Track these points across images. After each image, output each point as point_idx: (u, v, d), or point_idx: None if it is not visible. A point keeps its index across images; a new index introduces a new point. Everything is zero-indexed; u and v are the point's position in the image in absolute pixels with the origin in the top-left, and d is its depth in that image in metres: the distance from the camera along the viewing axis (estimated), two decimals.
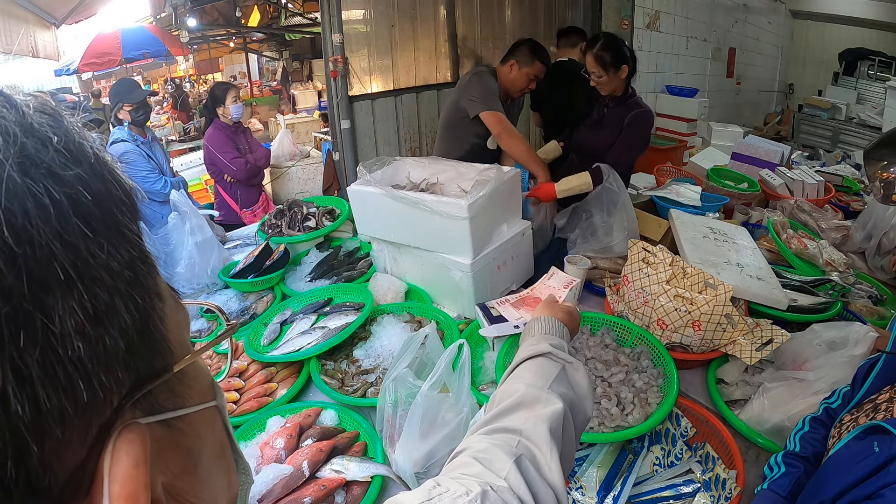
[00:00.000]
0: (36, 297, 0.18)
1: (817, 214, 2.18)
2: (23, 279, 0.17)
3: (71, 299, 0.19)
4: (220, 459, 0.29)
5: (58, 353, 0.18)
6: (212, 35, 8.03)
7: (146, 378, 0.23)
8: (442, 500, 0.40)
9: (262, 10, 7.83)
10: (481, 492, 0.42)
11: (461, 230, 1.52)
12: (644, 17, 5.10)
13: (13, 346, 0.17)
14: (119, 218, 0.22)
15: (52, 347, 0.18)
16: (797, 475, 0.90)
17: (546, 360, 0.61)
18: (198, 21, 6.65)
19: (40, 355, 0.18)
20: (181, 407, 0.25)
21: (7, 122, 0.19)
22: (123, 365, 0.21)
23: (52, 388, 0.18)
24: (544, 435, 0.49)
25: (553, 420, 0.50)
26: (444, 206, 1.51)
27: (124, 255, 0.22)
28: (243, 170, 3.14)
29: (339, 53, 3.46)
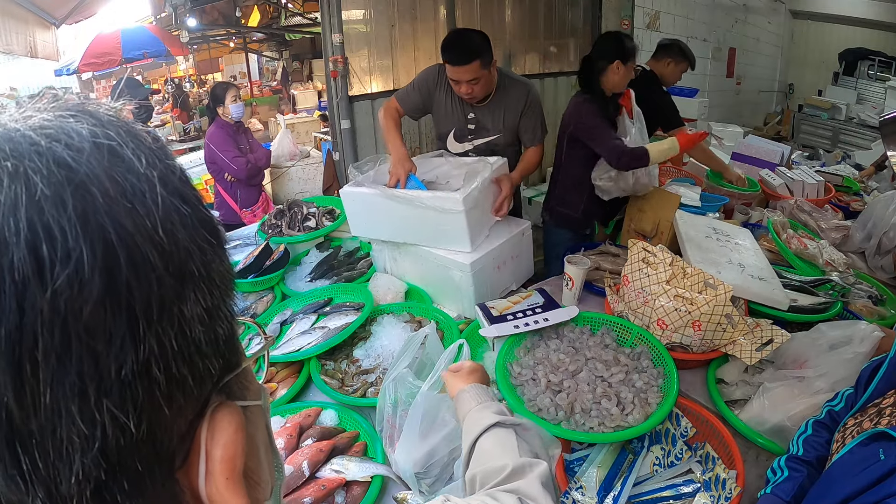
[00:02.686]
0: (177, 288, 0.22)
1: (817, 214, 2.18)
2: (170, 272, 0.22)
3: (198, 293, 0.23)
4: (266, 452, 0.32)
5: (186, 335, 0.22)
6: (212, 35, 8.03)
7: (229, 369, 0.27)
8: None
9: (262, 10, 7.83)
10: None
11: (457, 223, 1.54)
12: (644, 17, 5.10)
13: (159, 324, 0.21)
14: (221, 234, 0.26)
15: (182, 329, 0.22)
16: (800, 480, 0.89)
17: (499, 429, 0.65)
18: (198, 21, 6.65)
19: (176, 334, 0.22)
20: (246, 399, 0.29)
21: (144, 147, 0.23)
22: (220, 353, 0.25)
23: (181, 361, 0.22)
24: (538, 490, 0.54)
25: (542, 477, 0.56)
26: (439, 202, 1.52)
27: (226, 264, 0.26)
28: (244, 169, 3.14)
29: (339, 53, 3.46)
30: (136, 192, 0.21)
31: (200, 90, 8.60)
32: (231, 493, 0.25)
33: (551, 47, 4.99)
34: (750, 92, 7.62)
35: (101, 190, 0.20)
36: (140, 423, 0.21)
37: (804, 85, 8.25)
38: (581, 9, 5.07)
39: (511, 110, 2.05)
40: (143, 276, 0.20)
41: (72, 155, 0.20)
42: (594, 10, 5.10)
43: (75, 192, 0.19)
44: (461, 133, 2.12)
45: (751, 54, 7.41)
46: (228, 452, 0.25)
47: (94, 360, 0.19)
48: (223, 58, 10.92)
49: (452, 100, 2.07)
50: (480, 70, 1.87)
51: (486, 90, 1.99)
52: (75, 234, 0.19)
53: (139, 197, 0.21)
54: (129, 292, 0.20)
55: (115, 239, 0.20)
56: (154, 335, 0.21)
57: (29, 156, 0.19)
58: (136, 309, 0.20)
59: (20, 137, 0.20)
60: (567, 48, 5.14)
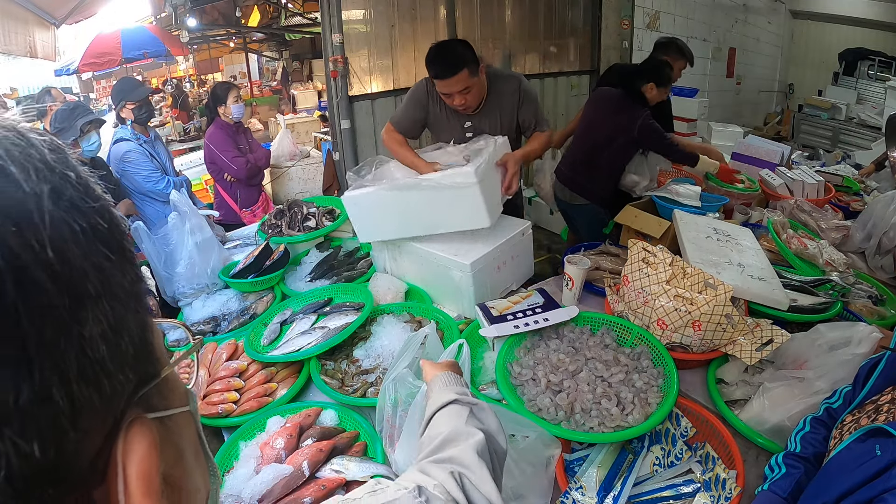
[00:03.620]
0: (73, 309, 0.21)
1: (817, 214, 2.18)
2: (64, 294, 0.21)
3: (98, 311, 0.22)
4: (196, 458, 0.32)
5: (87, 356, 0.22)
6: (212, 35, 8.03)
7: (144, 381, 0.26)
8: (385, 492, 0.46)
9: (262, 10, 7.83)
10: (416, 486, 0.47)
11: (472, 198, 1.53)
12: (644, 17, 5.10)
13: (55, 349, 0.20)
14: (124, 243, 0.26)
15: (83, 350, 0.21)
16: (798, 476, 0.90)
17: (455, 405, 0.68)
18: (198, 21, 6.64)
19: (76, 357, 0.21)
20: (168, 408, 0.29)
21: (33, 160, 0.22)
22: (130, 367, 0.25)
23: (84, 383, 0.21)
24: (473, 458, 0.55)
25: (478, 446, 0.57)
26: (451, 178, 1.52)
27: (130, 275, 0.26)
28: (244, 169, 3.14)
29: (339, 53, 3.46)
30: (22, 210, 0.20)
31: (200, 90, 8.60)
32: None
33: (551, 47, 4.99)
34: (750, 92, 7.62)
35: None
36: (45, 448, 0.20)
37: (804, 85, 8.25)
38: (581, 9, 5.07)
39: (506, 109, 2.04)
40: (33, 300, 0.19)
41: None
42: (594, 10, 5.10)
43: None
44: (460, 141, 2.08)
45: (751, 54, 7.42)
46: (143, 469, 0.24)
47: None
48: (223, 58, 10.91)
49: (446, 111, 2.05)
50: (470, 79, 1.85)
51: (478, 97, 1.96)
52: None
53: (25, 216, 0.20)
54: (16, 318, 0.19)
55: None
56: (50, 360, 0.20)
57: None
58: (27, 335, 0.19)
59: None
60: (567, 48, 5.13)
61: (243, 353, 1.49)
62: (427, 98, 2.05)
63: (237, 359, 1.48)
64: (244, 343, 1.50)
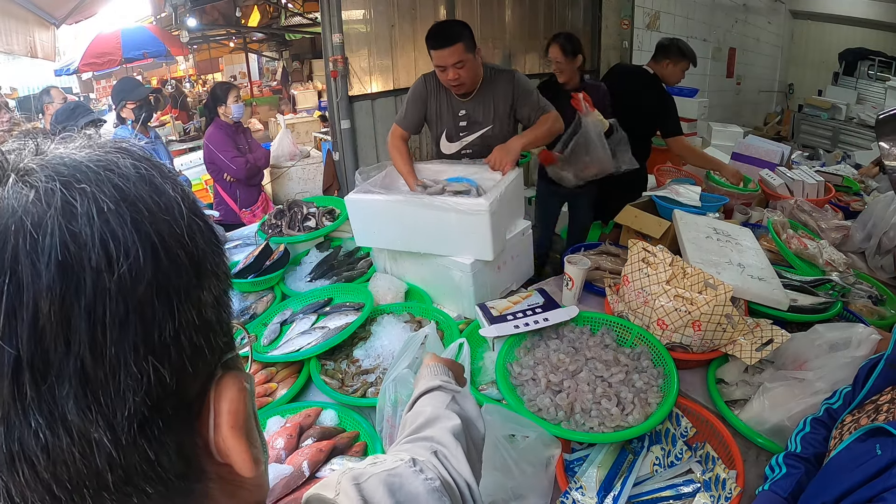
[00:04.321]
0: (197, 279, 0.29)
1: (817, 214, 2.18)
2: (193, 267, 0.29)
3: (210, 284, 0.31)
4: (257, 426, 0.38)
5: (202, 315, 0.30)
6: (212, 35, 8.02)
7: (229, 347, 0.34)
8: (385, 462, 0.51)
9: (262, 10, 7.82)
10: (410, 458, 0.52)
11: (480, 228, 1.52)
12: (644, 17, 5.11)
13: (187, 304, 0.28)
14: (223, 238, 0.33)
15: (200, 310, 0.29)
16: (798, 476, 0.90)
17: (439, 391, 0.73)
18: (198, 21, 6.64)
19: (197, 313, 0.29)
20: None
21: (167, 179, 0.31)
22: (224, 333, 0.33)
23: (200, 334, 0.29)
24: (450, 439, 0.60)
25: (454, 430, 0.62)
26: (463, 204, 1.52)
27: (227, 264, 0.34)
28: (243, 169, 3.14)
29: (339, 53, 3.46)
30: (169, 209, 0.29)
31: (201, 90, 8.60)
32: (234, 440, 0.31)
33: None
34: (750, 92, 7.63)
35: (147, 207, 0.28)
36: (172, 376, 0.27)
37: (804, 85, 8.25)
38: (581, 9, 5.07)
39: (501, 97, 2.03)
40: (176, 269, 0.28)
41: (122, 182, 0.28)
42: (594, 10, 5.10)
43: (129, 208, 0.27)
44: (452, 132, 2.12)
45: (751, 54, 7.42)
46: (232, 407, 0.31)
47: (143, 327, 0.26)
48: (223, 58, 10.91)
49: (442, 101, 2.09)
50: (465, 53, 1.89)
51: (472, 77, 1.98)
52: (132, 238, 0.26)
53: (171, 213, 0.29)
54: (167, 280, 0.27)
55: (158, 242, 0.27)
56: (183, 312, 0.28)
57: (95, 182, 0.27)
58: (171, 292, 0.27)
59: (84, 168, 0.27)
60: None
61: None
62: (426, 92, 2.09)
63: None
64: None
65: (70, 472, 0.25)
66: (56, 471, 0.25)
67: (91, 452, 0.25)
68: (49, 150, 0.28)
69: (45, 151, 0.28)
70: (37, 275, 0.24)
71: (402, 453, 0.54)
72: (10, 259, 0.24)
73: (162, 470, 0.28)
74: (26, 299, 0.24)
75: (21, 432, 0.24)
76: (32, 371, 0.24)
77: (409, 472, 0.49)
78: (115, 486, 0.26)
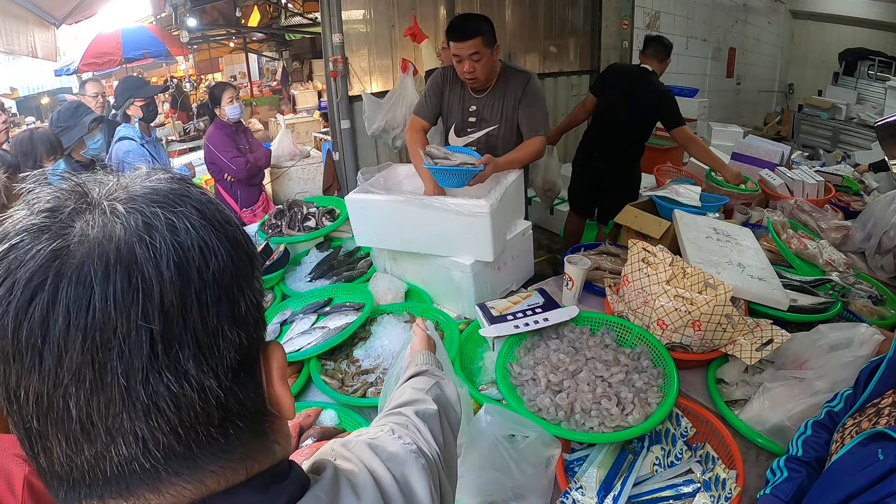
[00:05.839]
0: (252, 269, 0.39)
1: (817, 214, 2.18)
2: (250, 259, 0.40)
3: (258, 275, 0.41)
4: None
5: (255, 297, 0.39)
6: (212, 35, 8.02)
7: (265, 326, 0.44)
8: (368, 433, 0.59)
9: (262, 10, 7.82)
10: (390, 428, 0.60)
11: (481, 229, 1.52)
12: (644, 17, 5.11)
13: (249, 287, 0.38)
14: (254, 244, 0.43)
15: (255, 293, 0.39)
16: (800, 480, 0.89)
17: (425, 376, 0.83)
18: (198, 21, 6.63)
19: (253, 295, 0.39)
20: None
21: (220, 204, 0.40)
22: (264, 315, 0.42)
23: (256, 310, 0.39)
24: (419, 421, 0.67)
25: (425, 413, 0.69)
26: (464, 206, 1.51)
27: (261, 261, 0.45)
28: (243, 169, 3.13)
29: (339, 53, 3.46)
30: (231, 223, 0.39)
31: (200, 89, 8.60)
32: (283, 388, 0.42)
33: (551, 47, 4.99)
34: (750, 92, 7.63)
35: (218, 221, 0.38)
36: (247, 340, 0.38)
37: (804, 85, 8.25)
38: (581, 9, 5.07)
39: (510, 97, 2.04)
40: (243, 264, 0.38)
41: (198, 204, 0.37)
42: (594, 10, 5.10)
43: (209, 222, 0.37)
44: (460, 127, 2.13)
45: (751, 54, 7.42)
46: (280, 364, 0.42)
47: (230, 305, 0.36)
48: (223, 58, 10.90)
49: (455, 95, 2.12)
50: (483, 47, 1.91)
51: (487, 72, 1.99)
52: (217, 244, 0.36)
53: (233, 224, 0.39)
54: (238, 272, 0.37)
55: (231, 245, 0.37)
56: (248, 293, 0.38)
57: (181, 204, 0.36)
58: (241, 280, 0.38)
59: (169, 195, 0.37)
60: (567, 48, 5.13)
61: None
62: (443, 83, 2.14)
63: None
64: None
65: (191, 413, 0.34)
66: (181, 414, 0.34)
67: (206, 396, 0.35)
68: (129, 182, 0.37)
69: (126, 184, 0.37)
70: (160, 273, 0.33)
71: (383, 426, 0.63)
72: (139, 265, 0.32)
73: (246, 409, 0.38)
74: (155, 291, 0.32)
75: (157, 387, 0.33)
76: (163, 341, 0.33)
77: (389, 438, 0.58)
78: (219, 421, 0.36)
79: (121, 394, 0.32)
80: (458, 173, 1.67)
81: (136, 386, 0.32)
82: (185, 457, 0.35)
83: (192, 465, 0.36)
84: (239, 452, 0.38)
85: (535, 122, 2.02)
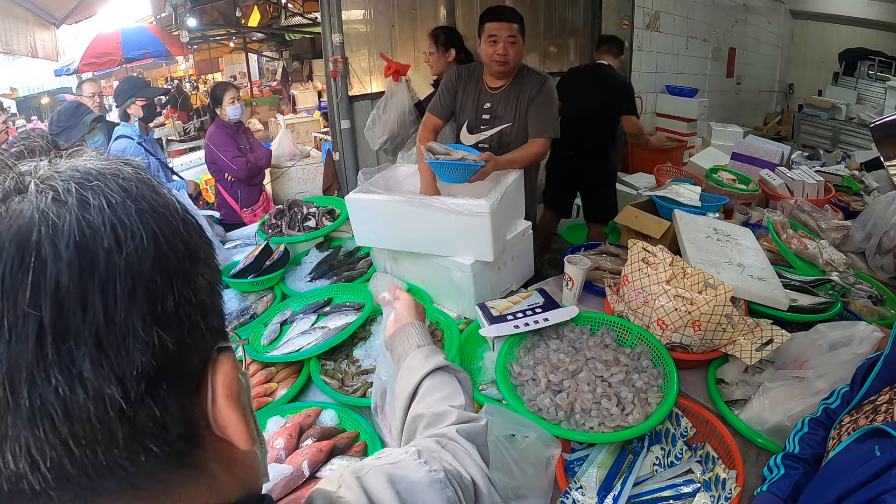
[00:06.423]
0: (192, 263, 0.34)
1: (817, 214, 2.18)
2: (188, 252, 0.34)
3: (203, 271, 0.35)
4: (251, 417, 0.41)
5: (197, 296, 0.34)
6: (212, 35, 8.01)
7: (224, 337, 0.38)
8: (390, 457, 0.54)
9: (262, 10, 7.82)
10: (416, 450, 0.55)
11: (481, 229, 1.52)
12: (644, 17, 5.10)
13: (183, 283, 0.32)
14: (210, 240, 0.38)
15: (195, 291, 0.33)
16: (796, 477, 0.90)
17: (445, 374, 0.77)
18: (198, 21, 6.63)
19: (192, 293, 0.33)
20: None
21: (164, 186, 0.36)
22: (217, 320, 0.36)
23: (196, 312, 0.33)
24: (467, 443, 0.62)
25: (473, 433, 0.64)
26: (464, 206, 1.51)
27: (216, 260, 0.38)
28: (244, 169, 3.14)
29: (339, 53, 3.46)
30: (167, 206, 0.34)
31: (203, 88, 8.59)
32: (229, 409, 0.35)
33: (551, 47, 4.99)
34: (750, 92, 7.62)
35: (148, 203, 0.33)
36: (174, 345, 0.31)
37: (804, 85, 8.25)
38: (581, 9, 5.07)
39: (525, 96, 2.05)
40: (174, 253, 0.32)
41: (126, 183, 0.33)
42: (594, 10, 5.10)
43: (133, 202, 0.32)
44: (473, 124, 2.14)
45: (751, 54, 7.41)
46: (227, 379, 0.35)
47: (148, 299, 0.30)
48: (223, 58, 10.89)
49: (469, 93, 2.14)
50: (518, 34, 1.98)
51: (515, 60, 2.02)
52: (137, 225, 0.31)
53: (169, 209, 0.34)
54: (166, 261, 0.32)
55: (158, 230, 0.32)
56: (180, 289, 0.32)
57: (104, 181, 0.32)
58: (171, 272, 0.32)
59: (95, 172, 0.32)
60: (567, 48, 5.13)
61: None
62: (457, 81, 2.16)
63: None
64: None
65: (85, 427, 0.28)
66: (73, 426, 0.28)
67: (104, 407, 0.28)
68: (62, 163, 0.33)
69: (58, 164, 0.33)
70: (58, 254, 0.28)
71: (410, 447, 0.56)
72: (35, 243, 0.28)
73: (165, 430, 0.31)
74: (49, 274, 0.28)
75: (42, 389, 0.27)
76: (54, 334, 0.27)
77: (412, 464, 0.52)
78: (124, 441, 0.29)
79: (4, 392, 0.27)
80: (459, 168, 1.67)
81: (19, 385, 0.27)
82: (80, 483, 0.29)
83: (91, 497, 0.30)
84: (154, 487, 0.32)
85: (543, 124, 2.02)
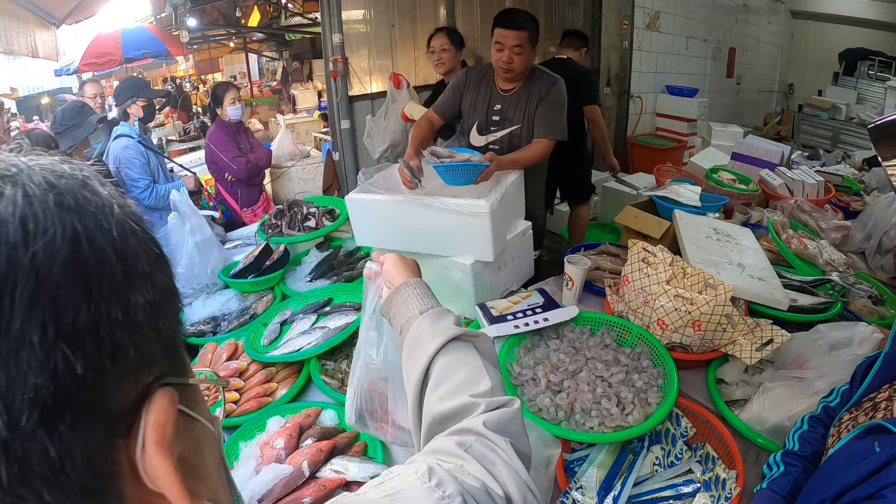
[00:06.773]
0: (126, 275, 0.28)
1: (817, 214, 2.18)
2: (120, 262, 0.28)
3: (143, 285, 0.29)
4: (217, 472, 0.35)
5: (129, 314, 0.28)
6: (212, 35, 8.01)
7: (173, 369, 0.32)
8: (393, 482, 0.46)
9: (262, 10, 7.82)
10: (426, 470, 0.47)
11: (481, 230, 1.52)
12: (644, 17, 5.10)
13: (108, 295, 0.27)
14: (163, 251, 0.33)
15: (128, 309, 0.28)
16: (796, 474, 0.90)
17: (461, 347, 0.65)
18: (198, 21, 6.63)
19: (122, 310, 0.28)
20: (191, 409, 0.33)
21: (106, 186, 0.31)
22: (161, 347, 0.31)
23: (124, 333, 0.27)
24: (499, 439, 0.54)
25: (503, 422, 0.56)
26: (464, 206, 1.51)
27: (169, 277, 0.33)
28: (244, 169, 3.14)
29: (339, 53, 3.46)
30: (99, 206, 0.29)
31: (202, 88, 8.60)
32: (160, 458, 0.28)
33: (551, 47, 4.98)
34: (750, 92, 7.62)
35: (74, 199, 0.28)
36: (86, 369, 0.26)
37: (804, 85, 8.25)
38: (581, 9, 5.07)
39: (535, 98, 2.05)
40: (97, 260, 0.27)
41: (55, 177, 0.28)
42: (594, 10, 5.10)
43: (55, 196, 0.27)
44: (483, 125, 2.14)
45: (751, 54, 7.41)
46: (159, 419, 0.29)
47: (54, 306, 0.25)
48: (223, 58, 10.89)
49: (479, 94, 2.14)
50: (526, 42, 1.96)
51: (523, 67, 2.02)
52: (52, 220, 0.26)
53: (102, 209, 0.29)
54: (85, 266, 0.26)
55: (81, 230, 0.27)
56: (103, 302, 0.27)
57: (28, 174, 0.28)
58: (91, 279, 0.26)
59: (24, 166, 0.28)
60: None
61: (243, 354, 1.49)
62: (465, 83, 2.17)
63: (237, 359, 1.48)
64: (244, 343, 1.50)
65: None
66: None
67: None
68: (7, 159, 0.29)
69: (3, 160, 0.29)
70: None
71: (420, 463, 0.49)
72: None
73: (64, 476, 0.25)
74: None
75: None
76: None
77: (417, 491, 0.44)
78: (8, 482, 0.24)
79: None
80: (465, 169, 1.68)
81: None
82: None
83: None
84: None
85: (550, 125, 2.02)
